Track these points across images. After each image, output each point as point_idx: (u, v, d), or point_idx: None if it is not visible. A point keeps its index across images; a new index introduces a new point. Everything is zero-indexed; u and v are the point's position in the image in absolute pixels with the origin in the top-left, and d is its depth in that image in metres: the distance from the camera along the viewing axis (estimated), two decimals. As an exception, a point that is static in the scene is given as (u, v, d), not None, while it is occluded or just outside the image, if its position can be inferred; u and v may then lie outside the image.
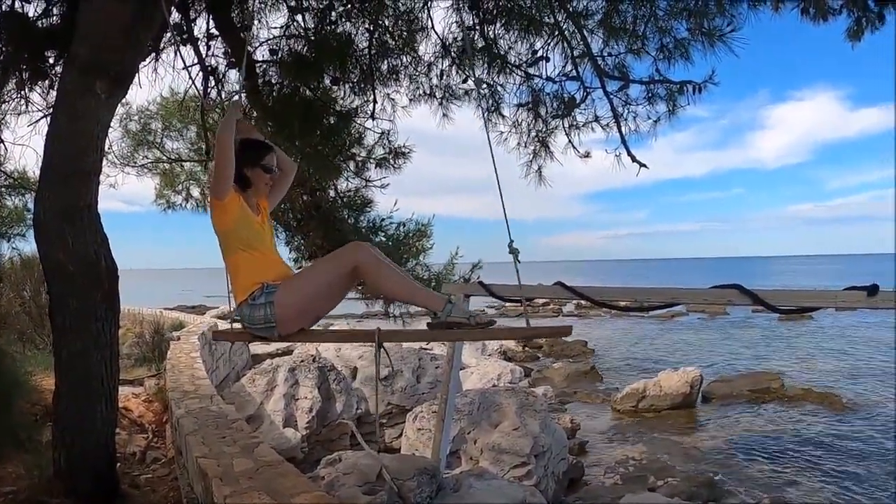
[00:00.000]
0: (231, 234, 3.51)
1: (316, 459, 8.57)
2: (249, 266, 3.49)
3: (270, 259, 3.62)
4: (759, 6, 6.36)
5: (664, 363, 22.92)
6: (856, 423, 15.53)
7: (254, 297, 3.41)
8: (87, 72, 4.73)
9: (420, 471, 6.71)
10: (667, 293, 5.00)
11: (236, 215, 3.48)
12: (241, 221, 3.51)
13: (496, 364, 18.96)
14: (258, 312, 3.40)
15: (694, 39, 6.44)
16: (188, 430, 5.63)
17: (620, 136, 7.15)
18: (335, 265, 3.49)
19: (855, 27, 6.80)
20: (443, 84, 7.59)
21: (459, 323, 3.32)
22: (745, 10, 6.31)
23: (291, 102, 6.77)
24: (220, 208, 3.46)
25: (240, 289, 3.49)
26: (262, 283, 3.43)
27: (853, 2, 6.68)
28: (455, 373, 6.81)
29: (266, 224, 3.72)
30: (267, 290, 3.40)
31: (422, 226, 7.48)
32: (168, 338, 13.74)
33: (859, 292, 3.99)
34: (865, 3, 6.68)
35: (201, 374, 8.80)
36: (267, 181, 3.73)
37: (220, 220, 3.51)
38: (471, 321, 3.31)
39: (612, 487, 10.81)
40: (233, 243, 3.51)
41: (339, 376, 12.33)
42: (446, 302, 3.35)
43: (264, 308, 3.38)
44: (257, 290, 3.42)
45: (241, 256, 3.50)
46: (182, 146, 13.98)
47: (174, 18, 6.43)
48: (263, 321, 3.40)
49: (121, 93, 5.14)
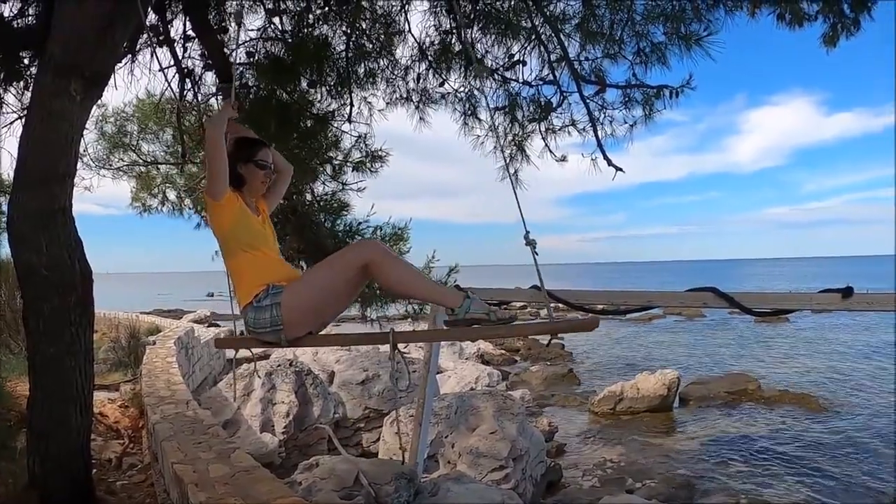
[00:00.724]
0: (231, 235, 3.36)
1: (293, 464, 8.54)
2: (253, 267, 3.33)
3: (274, 259, 3.46)
4: (736, 11, 6.40)
5: (641, 365, 23.01)
6: (832, 424, 15.68)
7: (258, 299, 3.23)
8: (62, 73, 4.69)
9: (397, 475, 6.71)
10: (643, 296, 5.03)
11: (235, 215, 3.35)
12: (241, 221, 3.37)
13: (474, 368, 19.04)
14: (264, 315, 3.21)
15: (671, 44, 6.47)
16: (164, 436, 5.61)
17: (597, 140, 7.17)
18: (344, 263, 3.25)
19: (830, 33, 6.86)
20: (419, 87, 7.60)
21: (479, 319, 3.09)
22: (721, 15, 6.36)
23: (268, 105, 6.74)
24: (217, 209, 3.33)
25: (243, 292, 3.33)
26: (267, 283, 3.25)
27: (829, 7, 6.74)
28: (432, 376, 6.82)
29: (267, 225, 3.59)
30: (272, 290, 3.23)
31: (398, 229, 7.46)
32: (144, 342, 13.67)
33: (834, 294, 4.03)
34: (841, 8, 6.75)
35: (177, 378, 8.76)
36: (262, 178, 3.58)
37: (219, 221, 3.38)
38: (491, 317, 3.08)
39: (591, 490, 10.83)
40: (233, 244, 3.36)
41: (317, 380, 12.30)
42: (464, 298, 3.12)
43: (270, 310, 3.20)
44: (262, 291, 3.24)
45: (243, 258, 3.34)
46: (158, 149, 13.92)
47: (151, 19, 6.38)
48: (270, 324, 3.21)
49: (96, 94, 5.10)
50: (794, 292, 5.06)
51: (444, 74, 7.38)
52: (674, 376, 17.33)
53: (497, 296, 6.04)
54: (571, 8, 6.92)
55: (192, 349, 14.12)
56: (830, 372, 22.71)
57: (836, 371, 22.85)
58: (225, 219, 3.34)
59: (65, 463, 5.09)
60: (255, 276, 3.30)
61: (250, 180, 3.54)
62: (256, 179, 3.55)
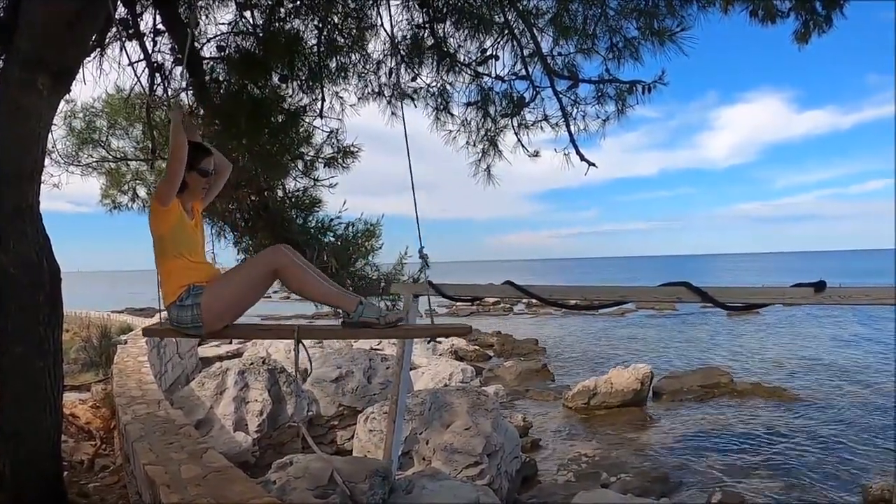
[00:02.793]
0: (168, 240, 3.65)
1: (267, 463, 8.48)
2: (179, 271, 3.66)
3: (200, 263, 3.81)
4: (709, 8, 6.42)
5: (615, 360, 23.18)
6: (804, 416, 15.88)
7: (181, 299, 3.62)
8: (29, 67, 4.61)
9: (372, 473, 6.68)
10: (616, 291, 5.01)
11: (175, 222, 3.63)
12: (178, 228, 3.66)
13: (447, 364, 19.04)
14: (186, 313, 3.61)
15: (644, 39, 6.47)
16: (135, 437, 5.56)
17: (569, 136, 7.17)
18: (256, 269, 3.72)
19: (803, 30, 6.90)
20: (391, 82, 7.55)
21: (371, 323, 3.64)
22: (694, 11, 6.37)
23: (239, 100, 6.66)
24: (163, 214, 3.60)
25: (169, 291, 3.68)
26: (189, 285, 3.63)
27: (801, 5, 6.77)
28: (405, 373, 6.80)
29: (199, 227, 3.90)
30: (193, 291, 3.61)
31: (371, 226, 7.42)
32: (115, 342, 13.53)
33: (807, 289, 4.03)
34: (813, 6, 6.78)
35: (149, 378, 8.67)
36: (203, 185, 3.85)
37: (159, 224, 3.65)
38: (380, 321, 3.64)
39: (566, 484, 10.86)
40: (169, 249, 3.66)
41: (290, 378, 12.22)
42: (358, 303, 3.65)
43: (191, 309, 3.59)
44: (184, 292, 3.62)
45: (174, 263, 3.66)
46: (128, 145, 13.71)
47: (120, 13, 6.29)
48: (191, 321, 3.61)
49: (64, 89, 5.02)
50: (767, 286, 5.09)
51: (417, 69, 7.35)
52: (647, 371, 17.44)
53: (470, 291, 6.02)
54: (545, 3, 6.92)
55: (164, 348, 13.98)
56: (802, 364, 22.99)
57: (807, 363, 23.13)
58: (166, 224, 3.64)
59: (35, 465, 5.01)
60: (179, 279, 3.66)
61: (192, 186, 3.79)
62: (198, 186, 3.83)
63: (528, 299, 5.54)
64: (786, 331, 32.80)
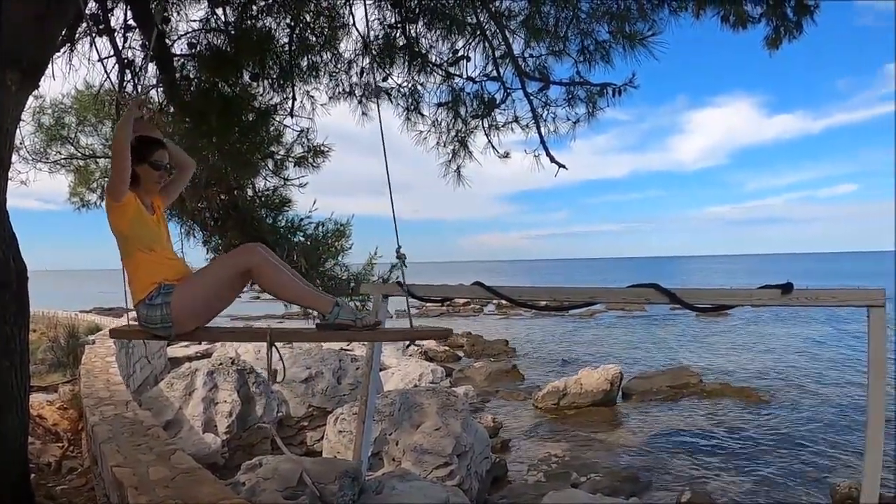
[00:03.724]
0: (128, 236, 3.54)
1: (237, 465, 8.42)
2: (147, 267, 3.54)
3: (167, 259, 3.67)
4: (681, 12, 6.46)
5: (585, 361, 23.28)
6: (772, 416, 16.03)
7: (151, 298, 3.48)
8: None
9: (341, 474, 6.66)
10: (586, 292, 5.04)
11: (132, 217, 3.52)
12: (137, 222, 3.54)
13: (417, 365, 19.07)
14: (155, 313, 3.47)
15: (615, 42, 6.50)
16: (103, 438, 5.50)
17: (540, 137, 7.19)
18: (229, 268, 3.58)
19: (773, 35, 6.97)
20: (362, 82, 7.54)
21: (346, 325, 3.48)
22: (666, 15, 6.41)
23: (209, 98, 6.62)
24: (118, 210, 3.49)
25: (137, 289, 3.54)
26: (159, 283, 3.49)
27: (772, 11, 6.83)
28: (375, 374, 6.78)
29: (161, 223, 3.77)
30: (164, 290, 3.47)
31: (340, 226, 7.40)
32: (83, 342, 13.38)
33: (774, 290, 4.07)
34: (784, 12, 6.84)
35: (117, 379, 8.58)
36: (156, 178, 3.74)
37: (118, 221, 3.53)
38: (357, 323, 3.48)
39: (536, 485, 10.88)
40: (131, 245, 3.54)
41: (259, 378, 12.12)
42: (334, 304, 3.50)
43: (161, 308, 3.46)
44: (154, 290, 3.48)
45: (140, 258, 3.54)
46: (97, 142, 13.57)
47: (90, 8, 6.22)
48: (160, 321, 3.48)
49: (32, 84, 4.97)
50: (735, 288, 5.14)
51: (388, 69, 7.33)
52: (616, 371, 17.52)
53: (439, 292, 6.02)
54: (517, 5, 6.93)
55: (133, 348, 13.84)
56: (770, 365, 23.21)
57: (775, 364, 23.37)
58: (124, 220, 3.52)
59: (2, 467, 4.94)
60: (148, 275, 3.53)
61: (145, 180, 3.68)
62: (151, 179, 3.71)
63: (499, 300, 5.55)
64: (754, 331, 33.07)
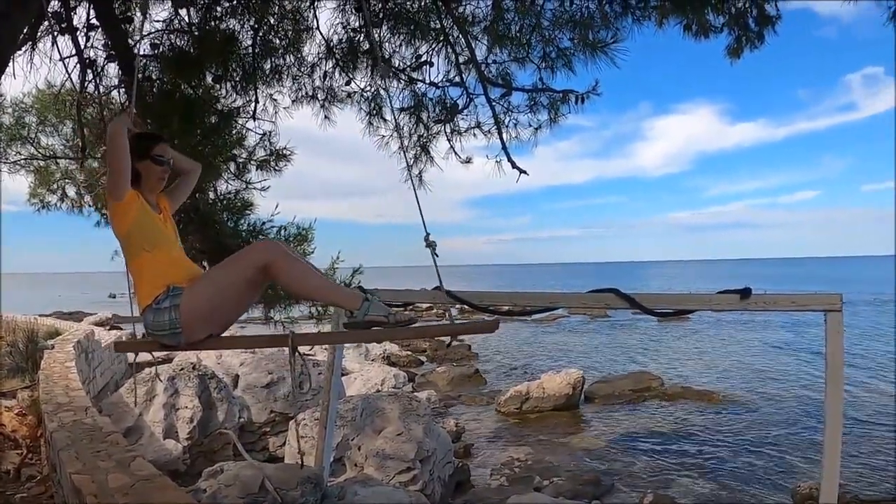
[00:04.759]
0: (133, 236, 3.30)
1: (199, 471, 8.34)
2: (154, 268, 3.28)
3: (176, 259, 3.43)
4: (644, 21, 6.50)
5: (547, 365, 23.42)
6: (733, 419, 16.19)
7: (158, 301, 3.21)
8: (-46, 61, 4.47)
9: (303, 480, 6.61)
10: (547, 297, 5.07)
11: (136, 215, 3.29)
12: (143, 220, 3.31)
13: (379, 369, 19.05)
14: (162, 317, 3.19)
15: (577, 50, 6.53)
16: (61, 445, 5.44)
17: (501, 143, 7.21)
18: (244, 264, 3.24)
19: (735, 45, 7.04)
20: (325, 86, 7.52)
21: (379, 322, 3.14)
22: (629, 23, 6.44)
23: (172, 100, 6.56)
24: (120, 210, 3.27)
25: (144, 293, 3.28)
26: (167, 285, 3.23)
27: (735, 20, 6.90)
28: (336, 379, 6.75)
29: (169, 222, 3.54)
30: (172, 292, 3.21)
31: (303, 230, 7.34)
32: (42, 346, 13.20)
33: (733, 295, 4.12)
34: (746, 22, 6.92)
35: (76, 384, 8.50)
36: (159, 175, 3.51)
37: (121, 221, 3.31)
38: (390, 319, 3.14)
39: (499, 489, 10.88)
40: (135, 245, 3.30)
41: (221, 384, 12.02)
42: (363, 300, 3.17)
43: (169, 312, 3.18)
44: (162, 293, 3.22)
45: (144, 258, 3.29)
46: (58, 142, 13.39)
47: (53, 6, 6.13)
48: (168, 326, 3.19)
49: (-9, 83, 4.89)
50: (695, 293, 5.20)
51: (351, 73, 7.32)
52: (578, 375, 17.62)
53: (402, 297, 6.01)
54: (481, 10, 6.94)
55: (93, 353, 13.68)
56: (730, 369, 23.49)
57: (735, 368, 23.64)
58: (127, 219, 3.28)
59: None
60: (155, 277, 3.26)
61: (146, 176, 3.47)
62: (153, 176, 3.49)
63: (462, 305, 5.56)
64: (715, 336, 33.43)
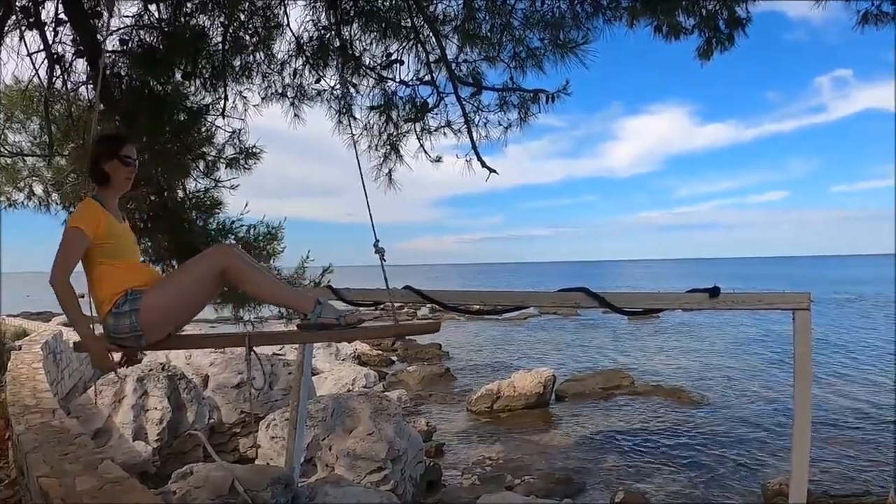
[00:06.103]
0: (94, 249, 3.30)
1: (169, 473, 8.26)
2: (112, 276, 3.32)
3: (134, 266, 3.48)
4: (615, 22, 6.52)
5: (518, 364, 23.52)
6: (703, 416, 16.39)
7: (118, 306, 3.26)
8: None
9: (274, 480, 6.57)
10: (516, 296, 5.07)
11: (102, 233, 3.29)
12: (106, 236, 3.32)
13: (350, 369, 19.04)
14: (123, 321, 3.24)
15: (547, 50, 6.53)
16: (28, 448, 5.37)
17: (471, 142, 7.20)
18: (202, 269, 3.36)
19: (705, 47, 7.09)
20: (295, 83, 7.47)
21: (329, 324, 3.35)
22: (600, 24, 6.45)
23: (140, 96, 6.49)
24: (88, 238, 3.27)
25: (103, 299, 3.32)
26: (126, 289, 3.27)
27: (705, 23, 6.94)
28: (306, 378, 6.70)
29: (129, 231, 3.58)
30: (131, 296, 3.25)
31: (272, 229, 7.30)
32: (9, 348, 13.04)
33: (702, 294, 4.13)
34: (716, 24, 6.97)
35: (43, 386, 8.41)
36: (126, 175, 3.50)
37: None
38: (340, 322, 3.34)
39: (471, 488, 10.92)
40: (94, 256, 3.32)
41: (190, 385, 11.90)
42: (316, 303, 3.36)
43: (129, 316, 3.23)
44: (121, 297, 3.26)
45: (103, 269, 3.32)
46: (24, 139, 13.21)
47: (21, 1, 6.04)
48: (129, 330, 3.24)
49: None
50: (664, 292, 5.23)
51: (321, 71, 7.27)
52: (549, 374, 17.73)
53: (372, 296, 5.97)
54: (452, 9, 6.91)
55: (61, 354, 13.54)
56: (700, 366, 23.78)
57: (705, 366, 23.93)
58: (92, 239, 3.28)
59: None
60: (114, 284, 3.31)
61: (115, 177, 3.47)
62: (121, 176, 3.49)
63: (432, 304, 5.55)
64: (684, 334, 33.76)
